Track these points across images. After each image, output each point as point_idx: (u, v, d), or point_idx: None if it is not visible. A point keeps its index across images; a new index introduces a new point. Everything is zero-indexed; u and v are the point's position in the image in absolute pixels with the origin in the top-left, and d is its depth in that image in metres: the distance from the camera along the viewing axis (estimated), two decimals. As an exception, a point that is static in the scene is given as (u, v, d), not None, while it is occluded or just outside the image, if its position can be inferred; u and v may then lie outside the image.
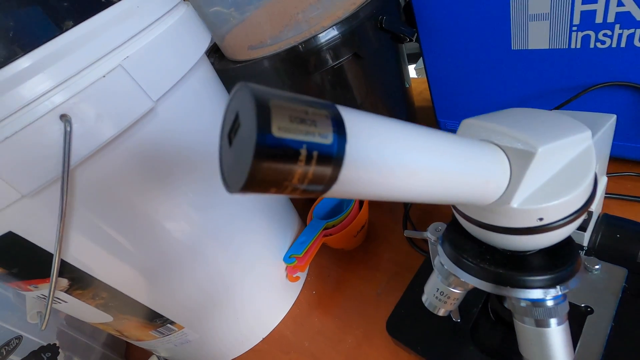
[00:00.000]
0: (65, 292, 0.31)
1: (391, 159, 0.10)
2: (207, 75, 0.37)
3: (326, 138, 0.09)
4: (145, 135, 0.28)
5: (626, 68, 0.34)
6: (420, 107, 0.65)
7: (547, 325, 0.16)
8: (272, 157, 0.08)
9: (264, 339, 0.45)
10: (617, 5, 0.31)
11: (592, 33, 0.34)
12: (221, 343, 0.43)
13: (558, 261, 0.16)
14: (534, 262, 0.17)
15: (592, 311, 0.22)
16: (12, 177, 0.22)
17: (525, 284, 0.16)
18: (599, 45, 0.34)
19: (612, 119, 0.23)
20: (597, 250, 0.25)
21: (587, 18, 0.33)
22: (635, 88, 0.35)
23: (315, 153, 0.08)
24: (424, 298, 0.21)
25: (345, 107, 0.10)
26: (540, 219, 0.14)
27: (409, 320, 0.26)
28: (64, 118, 0.22)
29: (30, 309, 0.37)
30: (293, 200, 0.53)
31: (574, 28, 0.35)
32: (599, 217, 0.27)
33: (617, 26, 0.32)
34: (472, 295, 0.25)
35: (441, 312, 0.21)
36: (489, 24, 0.40)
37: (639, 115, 0.37)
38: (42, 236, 0.26)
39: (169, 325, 0.37)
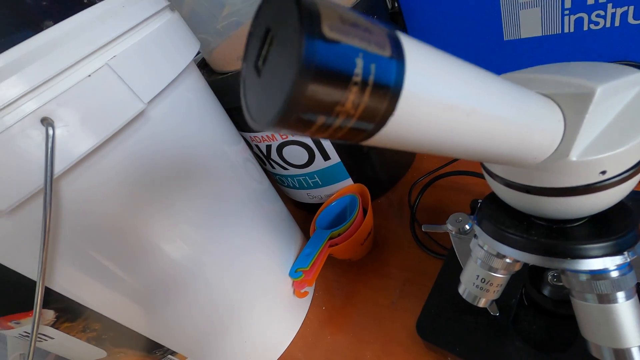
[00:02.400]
0: (52, 326, 0.27)
1: (451, 91, 0.09)
2: (198, 84, 0.35)
3: (384, 49, 0.07)
4: (137, 142, 0.25)
5: (622, 47, 0.34)
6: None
7: (614, 300, 0.14)
8: (324, 69, 0.06)
9: (273, 364, 0.41)
10: (608, -16, 0.32)
11: (584, 15, 0.34)
12: (228, 372, 0.39)
13: (615, 227, 0.15)
14: (587, 231, 0.15)
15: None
16: (-15, 190, 0.19)
17: (587, 252, 0.14)
18: (592, 27, 0.34)
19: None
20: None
21: (579, 0, 0.34)
22: (634, 66, 0.34)
23: (373, 67, 0.07)
24: (461, 289, 0.19)
25: (405, 34, 0.08)
26: (603, 172, 0.12)
27: (440, 320, 0.24)
28: (46, 121, 0.20)
29: (11, 351, 0.33)
30: (293, 214, 0.51)
31: (566, 12, 0.35)
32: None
33: (610, 5, 0.32)
34: (509, 285, 0.23)
35: (482, 303, 0.18)
36: (479, 18, 0.40)
37: (639, 94, 0.36)
38: (22, 261, 0.23)
39: (169, 356, 0.34)
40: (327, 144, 0.47)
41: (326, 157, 0.48)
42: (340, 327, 0.42)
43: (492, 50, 0.41)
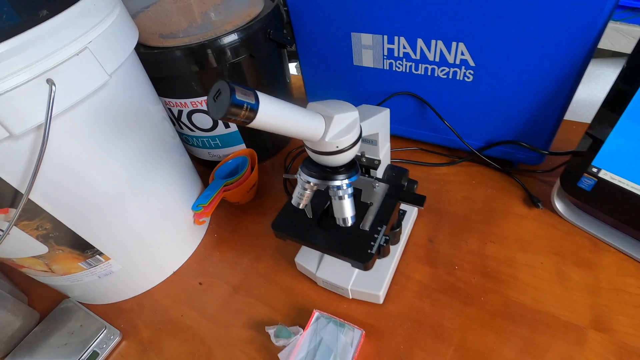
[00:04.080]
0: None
1: (275, 112, 0.27)
2: (134, 58, 0.46)
3: (252, 101, 0.24)
4: (97, 100, 0.38)
5: (410, 84, 0.59)
6: (297, 98, 0.84)
7: (343, 198, 0.36)
8: (235, 106, 0.23)
9: (175, 271, 0.57)
10: (403, 48, 0.55)
11: (393, 61, 0.57)
12: (140, 274, 0.53)
13: (349, 169, 0.36)
14: (340, 170, 0.36)
15: (372, 204, 0.44)
16: (6, 118, 0.30)
17: (335, 177, 0.35)
18: (397, 69, 0.58)
19: (386, 111, 0.44)
20: (386, 181, 0.47)
21: (390, 52, 0.56)
22: (413, 96, 0.60)
23: (248, 106, 0.24)
24: (292, 200, 0.39)
25: (260, 92, 0.26)
26: (337, 147, 0.32)
27: (284, 221, 0.44)
28: (50, 81, 0.31)
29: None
30: (195, 166, 0.65)
31: (385, 56, 0.58)
32: (387, 166, 0.50)
33: (404, 59, 0.56)
34: (319, 202, 0.45)
35: (301, 206, 0.38)
36: (339, 46, 0.60)
37: (415, 112, 0.62)
38: (15, 173, 0.34)
39: (97, 256, 0.46)
40: (228, 116, 0.62)
41: (227, 125, 0.63)
42: (227, 247, 0.60)
43: (346, 70, 0.63)
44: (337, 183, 0.35)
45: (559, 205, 0.53)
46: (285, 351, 0.43)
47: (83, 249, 0.44)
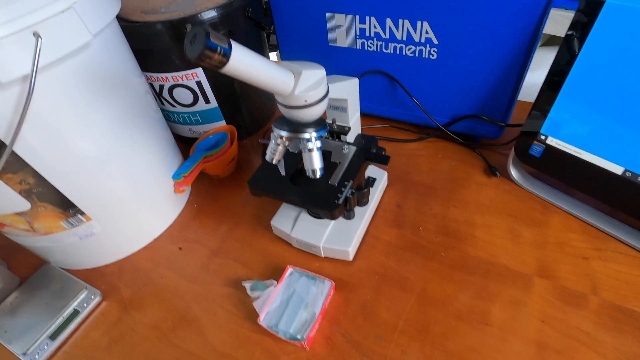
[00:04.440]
0: (-3, 175, 0.39)
1: (247, 60, 0.30)
2: (115, 25, 0.49)
3: (225, 45, 0.27)
4: (80, 60, 0.40)
5: (381, 63, 0.63)
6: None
7: (312, 151, 0.39)
8: (208, 49, 0.26)
9: (156, 238, 0.59)
10: (374, 27, 0.59)
11: (365, 41, 0.61)
12: (121, 238, 0.55)
13: (318, 125, 0.39)
14: (309, 125, 0.39)
15: (341, 163, 0.47)
16: (-6, 68, 0.32)
17: (304, 130, 0.38)
18: (369, 48, 0.62)
19: (355, 79, 0.48)
20: (355, 145, 0.51)
21: (362, 32, 0.60)
22: (383, 74, 0.64)
23: (222, 49, 0.27)
24: (267, 156, 0.42)
25: (234, 40, 0.29)
26: (306, 101, 0.36)
27: (260, 180, 0.47)
28: (36, 34, 0.34)
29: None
30: (177, 143, 0.68)
31: (357, 36, 0.61)
32: (358, 134, 0.54)
33: (375, 39, 0.60)
34: (292, 162, 0.48)
35: (274, 161, 0.42)
36: (315, 27, 0.64)
37: (386, 90, 0.67)
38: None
39: (79, 216, 0.48)
40: (209, 92, 0.64)
41: (207, 101, 0.66)
42: (207, 216, 0.62)
43: (322, 50, 0.66)
44: (306, 136, 0.38)
45: (514, 173, 0.58)
46: (259, 301, 0.46)
47: (65, 207, 0.46)
